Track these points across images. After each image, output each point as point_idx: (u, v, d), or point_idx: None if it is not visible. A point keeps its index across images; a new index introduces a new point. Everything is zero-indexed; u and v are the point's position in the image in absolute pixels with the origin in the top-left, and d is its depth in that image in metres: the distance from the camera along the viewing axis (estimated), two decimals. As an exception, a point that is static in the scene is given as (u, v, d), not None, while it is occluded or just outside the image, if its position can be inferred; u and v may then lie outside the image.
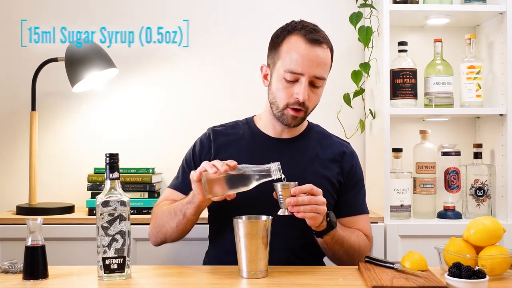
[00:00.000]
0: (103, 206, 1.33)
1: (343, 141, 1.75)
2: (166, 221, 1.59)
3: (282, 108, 1.58)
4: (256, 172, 1.41)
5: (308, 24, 1.59)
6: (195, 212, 1.53)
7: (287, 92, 1.56)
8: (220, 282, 1.35)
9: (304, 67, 1.54)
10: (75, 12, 2.40)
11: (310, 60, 1.54)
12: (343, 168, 1.67)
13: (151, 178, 2.20)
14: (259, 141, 1.67)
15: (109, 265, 1.33)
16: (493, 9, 2.16)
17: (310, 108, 1.61)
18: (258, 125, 1.70)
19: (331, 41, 1.62)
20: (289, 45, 1.56)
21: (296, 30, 1.57)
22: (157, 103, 2.42)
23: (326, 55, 1.58)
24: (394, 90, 2.18)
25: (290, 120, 1.59)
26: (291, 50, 1.55)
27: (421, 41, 2.39)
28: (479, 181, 2.17)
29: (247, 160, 1.58)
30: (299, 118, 1.60)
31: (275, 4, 2.43)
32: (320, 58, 1.56)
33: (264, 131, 1.69)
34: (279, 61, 1.58)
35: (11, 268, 1.41)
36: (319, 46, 1.56)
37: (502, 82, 2.16)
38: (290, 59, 1.55)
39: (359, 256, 1.58)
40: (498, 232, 1.38)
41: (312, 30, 1.57)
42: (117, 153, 1.37)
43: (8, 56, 2.40)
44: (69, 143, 2.40)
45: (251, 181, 1.41)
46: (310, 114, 1.64)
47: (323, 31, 1.62)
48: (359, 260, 1.50)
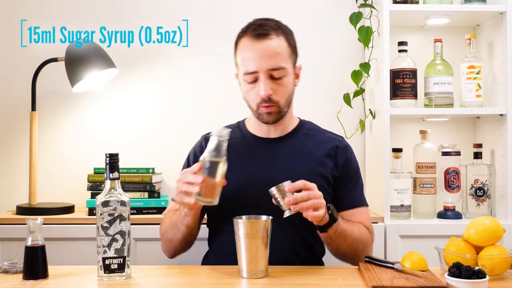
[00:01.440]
0: (103, 206, 1.33)
1: (336, 136, 1.74)
2: (172, 235, 1.61)
3: (255, 109, 1.60)
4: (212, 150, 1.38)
5: (255, 21, 1.60)
6: (195, 220, 1.55)
7: (253, 92, 1.58)
8: (220, 282, 1.35)
9: (256, 64, 1.54)
10: (75, 12, 2.40)
11: (260, 56, 1.54)
12: (337, 163, 1.66)
13: (151, 178, 2.20)
14: (250, 143, 1.68)
15: (109, 265, 1.33)
16: (493, 9, 2.16)
17: (281, 100, 1.59)
18: (248, 127, 1.72)
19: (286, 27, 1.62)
20: (240, 49, 1.59)
21: (243, 32, 1.60)
22: (157, 102, 2.42)
23: (276, 44, 1.56)
24: (394, 90, 2.18)
25: (266, 117, 1.60)
26: (242, 53, 1.58)
27: (421, 41, 2.39)
28: (479, 181, 2.17)
29: (241, 163, 1.59)
30: (273, 113, 1.59)
31: (274, 4, 2.43)
32: (269, 50, 1.54)
33: (253, 133, 1.70)
34: (239, 67, 1.62)
35: (11, 268, 1.41)
36: (266, 38, 1.55)
37: (502, 82, 2.16)
38: (243, 61, 1.58)
39: (363, 249, 1.58)
40: (498, 232, 1.38)
41: (257, 26, 1.57)
42: (117, 153, 1.37)
43: (8, 56, 2.40)
44: (69, 143, 2.40)
45: (220, 159, 1.38)
46: (287, 106, 1.62)
47: (274, 21, 1.61)
48: (362, 254, 1.52)
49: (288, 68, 1.58)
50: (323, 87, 2.43)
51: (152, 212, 2.15)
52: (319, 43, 2.44)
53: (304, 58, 2.41)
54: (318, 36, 2.44)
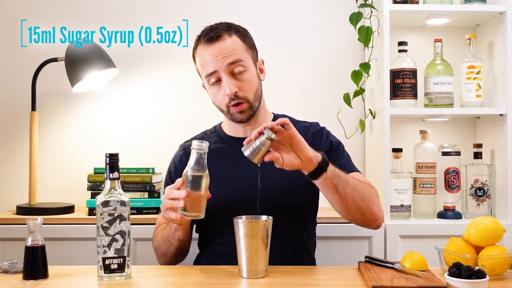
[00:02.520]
0: (103, 206, 1.33)
1: (310, 123, 1.73)
2: (166, 249, 1.61)
3: (226, 111, 1.62)
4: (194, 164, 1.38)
5: (207, 27, 1.64)
6: (185, 233, 1.56)
7: (219, 95, 1.61)
8: (220, 282, 1.35)
9: (213, 64, 1.57)
10: (75, 12, 2.40)
11: (215, 57, 1.57)
12: (316, 147, 1.56)
13: (151, 178, 2.20)
14: (228, 145, 1.68)
15: (109, 265, 1.33)
16: (493, 9, 2.16)
17: (249, 95, 1.60)
18: (225, 130, 1.73)
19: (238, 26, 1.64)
20: (197, 56, 1.64)
21: (198, 41, 1.63)
22: (157, 102, 2.42)
23: (229, 42, 1.59)
24: (394, 90, 2.18)
25: (238, 116, 1.61)
26: (200, 59, 1.62)
27: (421, 41, 2.39)
28: (479, 181, 2.17)
29: (223, 166, 1.59)
30: (245, 110, 1.60)
31: (274, 4, 2.43)
32: (223, 50, 1.58)
33: (231, 135, 1.71)
34: (200, 73, 1.65)
35: (11, 268, 1.41)
36: (218, 40, 1.58)
37: (502, 82, 2.16)
38: (202, 66, 1.61)
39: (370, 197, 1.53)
40: (498, 232, 1.38)
41: (209, 31, 1.61)
42: (117, 153, 1.37)
43: (8, 56, 2.40)
44: (69, 143, 2.40)
45: (202, 172, 1.38)
46: (258, 101, 1.62)
47: (225, 24, 1.64)
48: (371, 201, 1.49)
49: (247, 62, 1.60)
50: (323, 87, 2.43)
51: (152, 212, 2.15)
52: (319, 43, 2.44)
53: (304, 58, 2.43)
54: (318, 36, 2.44)
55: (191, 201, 1.37)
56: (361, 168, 2.34)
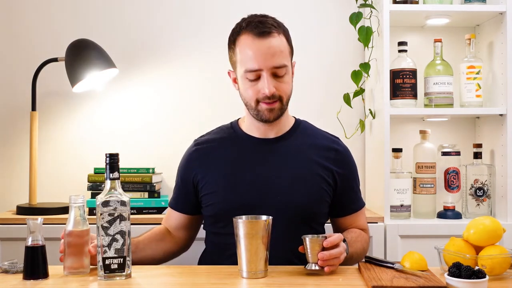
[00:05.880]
0: (103, 206, 1.33)
1: (333, 137, 1.71)
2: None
3: (254, 106, 1.56)
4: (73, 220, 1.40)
5: (254, 19, 1.58)
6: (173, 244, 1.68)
7: (254, 89, 1.55)
8: (220, 282, 1.35)
9: (260, 62, 1.52)
10: (75, 11, 2.40)
11: (264, 54, 1.52)
12: (338, 166, 1.63)
13: (151, 178, 2.20)
14: (245, 144, 1.64)
15: (109, 265, 1.33)
16: (493, 9, 2.16)
17: (284, 97, 1.57)
18: (243, 128, 1.67)
19: (283, 25, 1.61)
20: (241, 46, 1.56)
21: (243, 29, 1.56)
22: (157, 102, 2.42)
23: (278, 42, 1.55)
24: (394, 90, 2.18)
25: (267, 114, 1.56)
26: (244, 50, 1.55)
27: (421, 41, 2.39)
28: (479, 181, 2.17)
29: (235, 165, 1.58)
30: (275, 109, 1.56)
31: (274, 4, 2.43)
32: (273, 49, 1.53)
33: (249, 133, 1.65)
34: (238, 64, 1.58)
35: (11, 268, 1.41)
36: (269, 37, 1.53)
37: (502, 82, 2.16)
38: (245, 59, 1.54)
39: (362, 254, 1.62)
40: (498, 232, 1.38)
41: (258, 23, 1.55)
42: (117, 153, 1.37)
43: (8, 56, 2.40)
44: (69, 143, 2.40)
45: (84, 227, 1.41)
46: (287, 103, 1.61)
47: (272, 19, 1.60)
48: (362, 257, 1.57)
49: (289, 66, 1.57)
50: (323, 87, 2.43)
51: (152, 212, 2.15)
52: (319, 43, 2.44)
53: (304, 58, 2.43)
54: (318, 36, 2.44)
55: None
56: (361, 168, 2.34)
